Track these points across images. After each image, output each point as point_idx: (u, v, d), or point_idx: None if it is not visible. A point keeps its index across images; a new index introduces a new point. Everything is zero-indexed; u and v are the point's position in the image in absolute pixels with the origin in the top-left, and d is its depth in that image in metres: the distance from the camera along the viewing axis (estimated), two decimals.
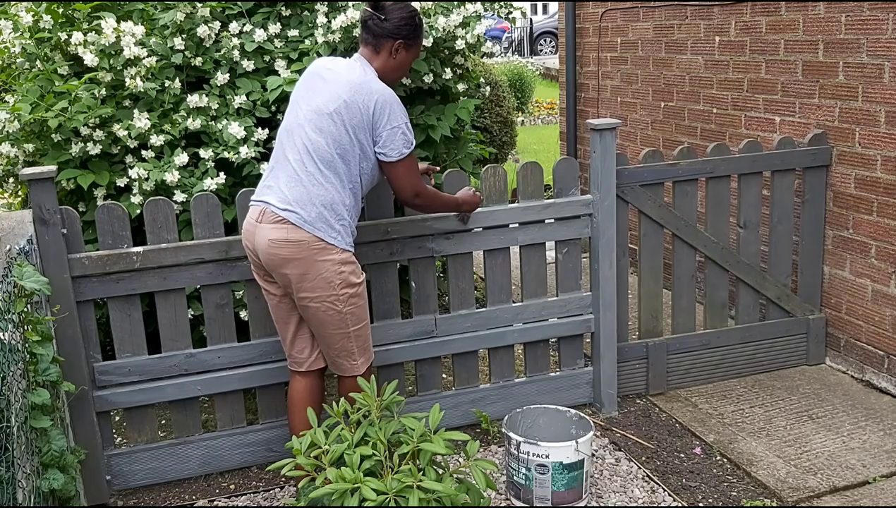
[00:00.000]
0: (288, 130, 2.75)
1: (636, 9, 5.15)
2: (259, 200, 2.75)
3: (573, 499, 2.93)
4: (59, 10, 3.56)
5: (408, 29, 2.78)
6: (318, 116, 2.68)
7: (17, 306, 2.36)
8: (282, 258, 2.66)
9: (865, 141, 3.64)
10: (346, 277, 2.70)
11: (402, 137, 2.72)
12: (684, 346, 3.77)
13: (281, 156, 2.75)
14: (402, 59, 2.82)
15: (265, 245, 2.68)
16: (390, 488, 2.11)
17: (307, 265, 2.65)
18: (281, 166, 2.73)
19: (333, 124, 2.66)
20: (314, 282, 2.67)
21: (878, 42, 3.52)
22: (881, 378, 3.70)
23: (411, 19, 2.79)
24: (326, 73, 2.77)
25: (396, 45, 2.77)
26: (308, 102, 2.73)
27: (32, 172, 2.81)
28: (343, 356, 2.81)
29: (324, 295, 2.68)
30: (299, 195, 2.66)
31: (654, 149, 3.64)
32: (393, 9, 2.76)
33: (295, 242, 2.64)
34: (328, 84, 2.73)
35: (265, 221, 2.69)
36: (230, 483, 3.20)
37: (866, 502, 2.91)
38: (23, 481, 2.16)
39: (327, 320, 2.73)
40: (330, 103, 2.68)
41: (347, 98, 2.67)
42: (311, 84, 2.78)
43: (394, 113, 2.70)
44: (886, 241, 3.59)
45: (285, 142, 2.75)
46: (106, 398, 3.05)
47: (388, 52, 2.78)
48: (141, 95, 3.43)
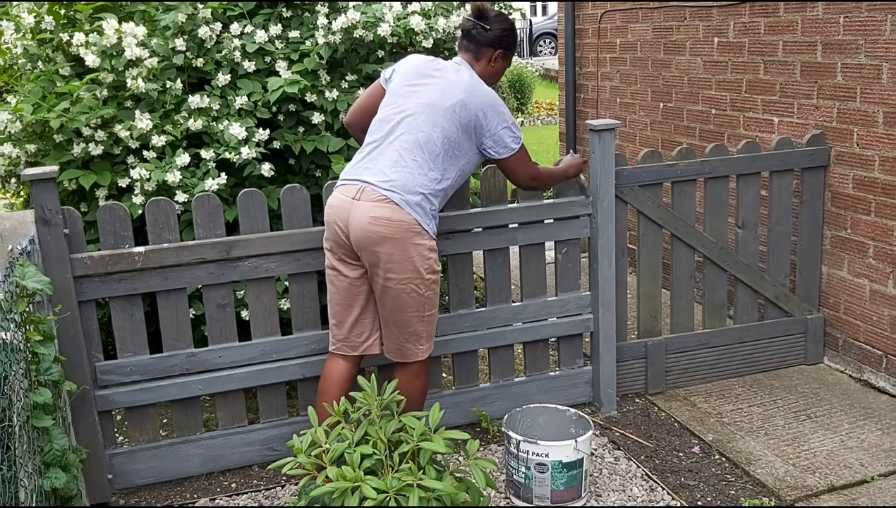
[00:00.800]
0: (389, 119, 2.83)
1: (635, 10, 5.16)
2: (355, 179, 2.79)
3: (572, 498, 2.94)
4: (61, 11, 3.58)
5: (508, 40, 2.96)
6: (433, 110, 2.79)
7: (19, 306, 2.37)
8: (380, 236, 2.70)
9: (863, 141, 3.65)
10: (432, 264, 2.79)
11: (511, 136, 2.90)
12: (683, 346, 3.78)
13: (382, 140, 2.81)
14: (499, 68, 2.99)
15: (364, 221, 2.71)
16: (390, 486, 2.12)
17: (403, 246, 2.71)
18: (383, 150, 2.80)
19: (447, 121, 2.79)
20: (405, 264, 2.73)
21: (876, 43, 3.53)
22: (879, 377, 3.71)
23: (512, 31, 2.98)
24: (435, 72, 2.89)
25: (496, 54, 2.95)
26: (419, 96, 2.83)
27: (34, 173, 2.82)
28: (412, 340, 2.87)
29: (412, 276, 2.75)
30: (404, 179, 2.73)
31: (652, 150, 3.65)
32: (496, 20, 2.93)
33: (397, 221, 2.70)
34: (441, 81, 2.85)
35: (365, 198, 2.73)
36: (231, 482, 3.21)
37: (864, 501, 2.92)
38: (25, 480, 2.17)
39: (408, 302, 2.79)
40: (446, 100, 2.80)
41: (464, 98, 2.81)
42: (416, 80, 2.88)
43: (501, 114, 2.87)
44: (884, 241, 3.61)
45: (390, 128, 2.81)
46: (107, 397, 3.06)
47: (488, 60, 2.95)
48: (142, 96, 3.44)
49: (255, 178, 3.47)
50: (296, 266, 3.14)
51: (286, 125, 3.62)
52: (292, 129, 3.64)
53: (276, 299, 3.21)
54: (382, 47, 3.59)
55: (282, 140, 3.58)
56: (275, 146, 3.57)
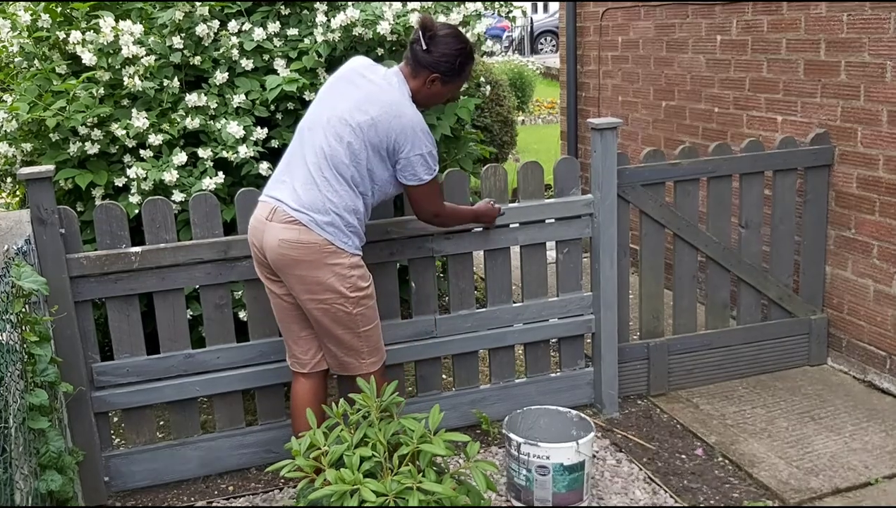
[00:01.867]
0: (310, 127, 2.72)
1: (637, 8, 5.13)
2: (271, 196, 2.71)
3: (574, 501, 2.92)
4: (58, 9, 3.55)
5: (447, 66, 2.72)
6: (341, 124, 2.65)
7: (15, 306, 2.35)
8: (291, 259, 2.64)
9: (867, 140, 3.62)
10: (355, 282, 2.69)
11: (424, 165, 2.70)
12: (686, 347, 3.75)
13: (299, 153, 2.71)
14: (435, 91, 2.78)
15: (275, 244, 2.65)
16: (390, 489, 2.10)
17: (317, 268, 2.64)
18: (297, 165, 2.70)
19: (354, 136, 2.64)
20: (322, 285, 2.65)
21: (880, 41, 3.51)
22: (883, 378, 3.68)
23: (454, 58, 2.72)
24: (360, 80, 2.73)
25: (432, 77, 2.73)
26: (334, 106, 2.69)
27: (30, 172, 2.80)
28: (351, 355, 2.80)
29: (333, 297, 2.67)
30: (313, 199, 2.64)
31: (655, 149, 3.63)
32: (440, 41, 2.70)
33: (306, 244, 2.62)
34: (360, 91, 2.69)
35: (276, 220, 2.66)
36: (229, 485, 3.19)
37: (868, 503, 2.90)
38: (20, 482, 2.15)
39: (336, 321, 2.71)
40: (356, 114, 2.64)
41: (375, 115, 2.64)
42: (342, 86, 2.74)
43: (418, 140, 2.67)
44: (889, 241, 3.58)
45: (306, 138, 2.71)
46: (104, 399, 3.04)
47: (423, 81, 2.74)
48: (139, 94, 3.42)
49: (252, 177, 3.44)
50: None
51: (284, 124, 3.59)
52: (290, 128, 3.60)
53: None
54: (381, 45, 3.57)
55: (280, 139, 3.55)
56: (273, 145, 3.55)
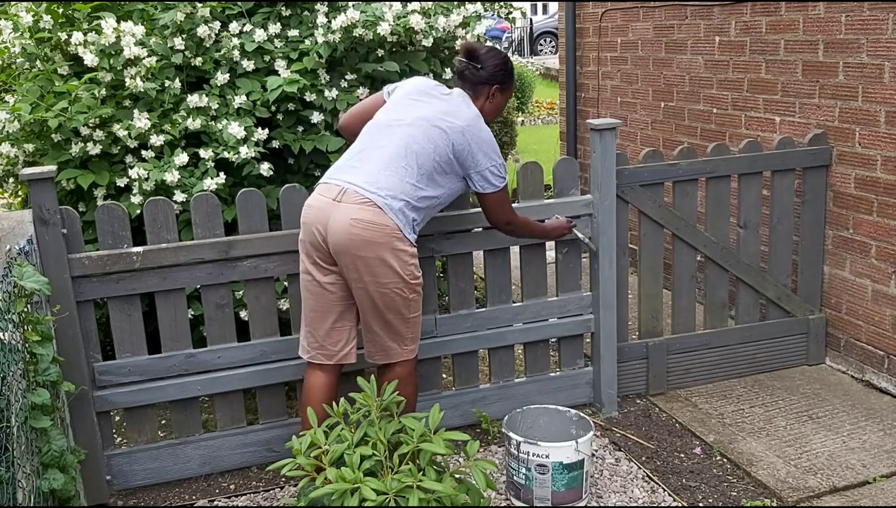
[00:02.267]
0: (389, 124, 2.83)
1: (636, 9, 5.15)
2: (338, 179, 2.75)
3: (573, 499, 2.93)
4: (59, 10, 3.56)
5: (502, 74, 2.96)
6: (431, 127, 2.79)
7: (18, 306, 2.36)
8: (362, 239, 2.66)
9: (865, 141, 3.63)
10: (413, 270, 2.76)
11: (496, 176, 2.89)
12: (684, 346, 3.77)
13: (374, 144, 2.80)
14: (498, 102, 3.00)
15: (345, 224, 2.66)
16: (390, 488, 2.11)
17: (383, 251, 2.68)
18: (374, 153, 2.78)
19: (443, 141, 2.79)
20: (385, 269, 2.69)
21: (878, 42, 3.52)
22: (881, 378, 3.70)
23: (504, 65, 2.98)
24: (438, 94, 2.92)
25: (493, 90, 2.96)
26: (418, 110, 2.84)
27: (32, 172, 2.81)
28: (396, 340, 2.84)
29: (395, 280, 2.72)
30: (392, 184, 2.71)
31: (654, 149, 3.64)
32: (487, 57, 2.94)
33: (379, 225, 2.67)
34: (443, 103, 2.88)
35: (347, 201, 2.69)
36: (230, 484, 3.20)
37: (866, 502, 2.91)
38: (23, 481, 2.16)
39: (391, 305, 2.76)
40: (445, 121, 2.81)
41: (463, 125, 2.81)
42: (421, 96, 2.90)
43: (494, 153, 2.88)
44: (886, 241, 3.59)
45: (383, 133, 2.82)
46: (106, 398, 3.05)
47: (486, 97, 2.96)
48: (141, 95, 3.43)
49: (253, 178, 3.46)
50: (295, 266, 3.11)
51: (285, 124, 3.61)
52: (291, 129, 3.62)
53: (276, 299, 3.20)
54: (382, 46, 3.58)
55: (281, 139, 3.57)
56: (274, 145, 3.56)
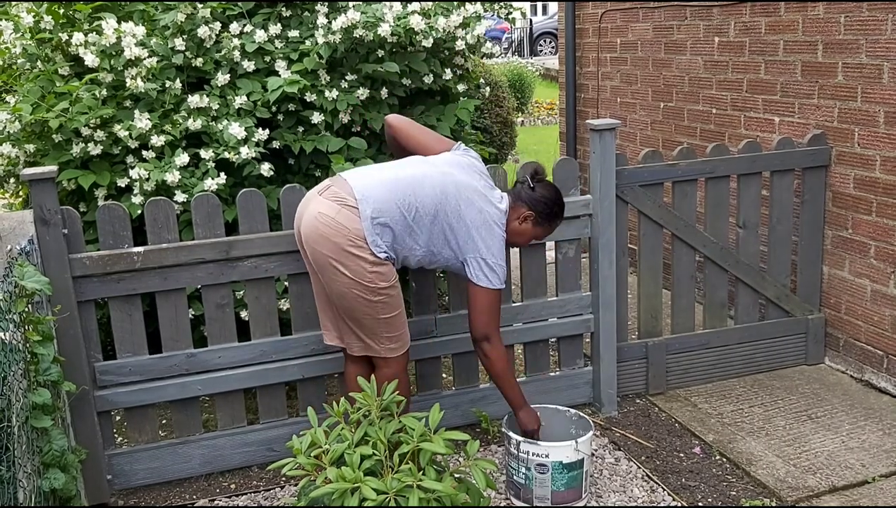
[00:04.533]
0: (423, 160, 2.86)
1: (636, 9, 5.15)
2: (341, 176, 2.77)
3: (573, 499, 2.94)
4: (60, 10, 3.57)
5: (543, 208, 2.93)
6: (455, 188, 2.77)
7: (18, 306, 2.36)
8: (319, 234, 2.66)
9: (864, 141, 3.64)
10: (375, 279, 2.70)
11: (494, 274, 2.81)
12: (684, 346, 3.77)
13: (395, 165, 2.84)
14: (526, 229, 2.95)
15: (313, 216, 2.68)
16: (390, 487, 2.11)
17: (337, 251, 2.65)
18: (389, 170, 2.79)
19: (452, 207, 2.76)
20: (336, 270, 2.67)
21: (877, 42, 3.53)
22: (880, 377, 3.70)
23: (552, 203, 2.94)
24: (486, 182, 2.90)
25: (527, 213, 2.92)
26: (458, 175, 2.82)
27: (33, 172, 2.82)
28: (371, 338, 2.81)
29: (352, 282, 2.68)
30: (380, 198, 2.68)
31: (653, 150, 3.65)
32: (545, 186, 2.94)
33: (341, 226, 2.64)
34: (479, 181, 2.86)
35: (326, 195, 2.71)
36: (231, 483, 3.20)
37: (865, 501, 2.91)
38: (24, 480, 2.16)
39: (356, 306, 2.74)
40: (471, 194, 2.80)
41: (477, 202, 2.80)
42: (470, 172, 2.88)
43: (496, 247, 2.82)
44: (885, 241, 3.60)
45: (410, 162, 2.86)
46: (107, 398, 3.06)
47: (517, 216, 2.92)
48: (142, 96, 3.44)
49: (254, 178, 3.46)
50: (295, 266, 3.12)
51: (286, 125, 3.61)
52: (292, 129, 3.63)
53: (276, 299, 3.20)
54: (382, 47, 3.58)
55: (281, 140, 3.57)
56: (274, 146, 3.57)
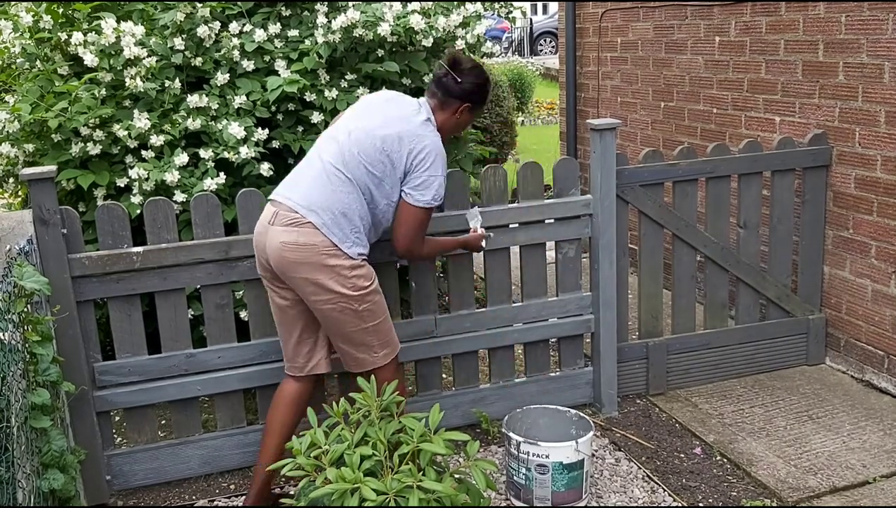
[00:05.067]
0: (332, 137, 2.80)
1: (636, 9, 5.15)
2: (277, 198, 2.74)
3: (573, 499, 2.93)
4: (59, 10, 3.56)
5: (478, 95, 2.87)
6: (367, 136, 2.73)
7: (18, 306, 2.35)
8: (291, 262, 2.66)
9: (865, 141, 3.63)
10: (356, 282, 2.70)
11: (433, 190, 2.76)
12: (684, 346, 3.77)
13: (315, 157, 2.78)
14: (464, 120, 2.91)
15: (276, 247, 2.67)
16: (390, 488, 2.11)
17: (316, 270, 2.65)
18: (311, 167, 2.76)
19: (377, 149, 2.72)
20: (324, 287, 2.66)
21: (878, 42, 3.52)
22: (881, 378, 3.70)
23: (484, 85, 2.88)
24: (388, 104, 2.85)
25: (463, 107, 2.86)
26: (361, 120, 2.79)
27: (32, 172, 2.81)
28: (364, 350, 2.81)
29: (335, 297, 2.68)
30: (322, 198, 2.68)
31: (654, 150, 3.64)
32: (470, 72, 2.84)
33: (304, 246, 2.64)
34: (386, 112, 2.80)
35: (277, 223, 2.69)
36: (230, 483, 3.20)
37: (866, 502, 2.91)
38: (23, 481, 2.16)
39: (344, 320, 2.73)
40: (382, 128, 2.74)
41: (401, 132, 2.73)
42: (370, 108, 2.85)
43: (436, 163, 2.76)
44: (886, 241, 3.59)
45: (323, 147, 2.79)
46: (106, 398, 3.05)
47: (453, 112, 2.86)
48: (141, 95, 3.43)
49: (253, 178, 3.46)
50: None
51: (285, 124, 3.61)
52: (291, 129, 3.62)
53: None
54: (382, 46, 3.58)
55: (281, 139, 3.57)
56: (274, 145, 3.56)
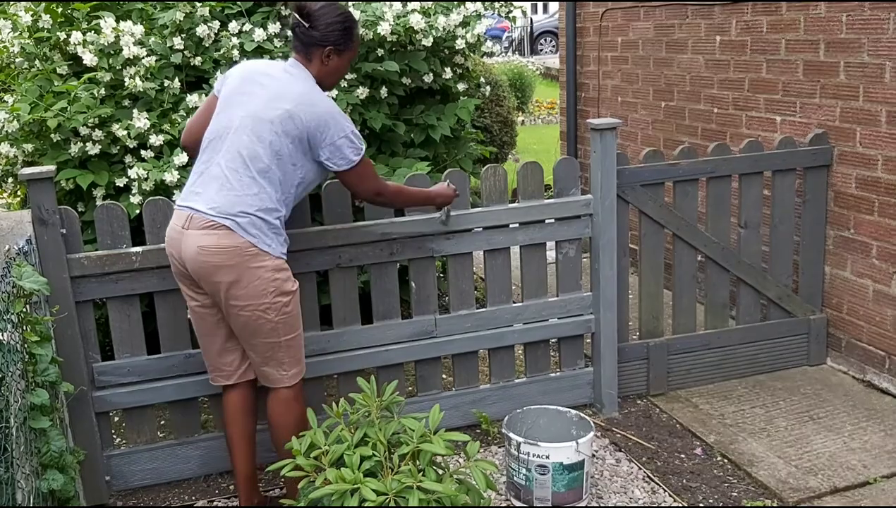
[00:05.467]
0: (219, 135, 2.62)
1: (637, 8, 5.14)
2: (185, 205, 2.61)
3: (573, 500, 2.92)
4: (58, 9, 3.56)
5: (336, 35, 2.65)
6: (257, 123, 2.57)
7: (16, 306, 2.35)
8: (212, 265, 2.54)
9: (866, 141, 3.63)
10: (280, 285, 2.61)
11: (350, 146, 2.64)
12: (685, 347, 3.76)
13: (213, 161, 2.61)
14: (335, 65, 2.71)
15: (194, 252, 2.56)
16: (390, 488, 2.10)
17: (239, 272, 2.55)
18: (211, 172, 2.60)
19: (273, 133, 2.56)
20: (246, 290, 2.56)
21: (879, 42, 3.51)
22: (882, 378, 3.69)
23: (339, 24, 2.66)
24: (264, 79, 2.65)
25: (326, 51, 2.66)
26: (244, 107, 2.61)
27: (31, 172, 2.81)
28: (272, 365, 2.70)
29: (255, 303, 2.58)
30: (232, 201, 2.54)
31: (654, 149, 3.64)
32: (320, 14, 2.63)
33: (226, 248, 2.53)
34: (267, 90, 2.62)
35: (193, 227, 2.56)
36: (230, 484, 3.19)
37: (867, 502, 2.90)
38: (22, 481, 2.15)
39: (257, 328, 2.62)
40: (270, 110, 2.57)
41: (290, 108, 2.57)
42: (245, 88, 2.65)
43: (337, 124, 2.62)
44: (887, 241, 3.59)
45: (216, 146, 2.62)
46: (105, 398, 3.05)
47: (320, 60, 2.68)
48: (140, 95, 3.43)
49: None
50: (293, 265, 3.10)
51: None
52: None
53: None
54: (382, 46, 3.58)
55: None
56: None
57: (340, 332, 3.26)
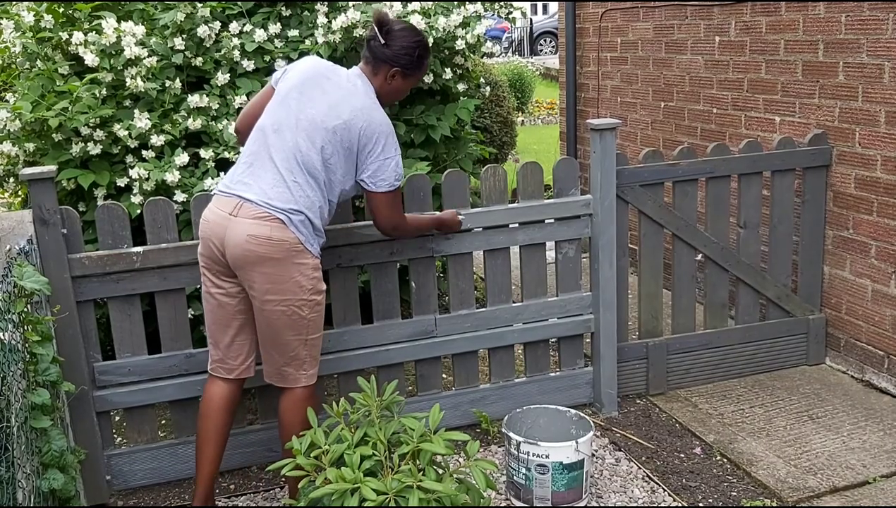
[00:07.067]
0: (276, 130, 2.65)
1: (636, 9, 5.15)
2: (233, 193, 2.63)
3: (573, 499, 2.93)
4: (60, 9, 3.57)
5: (407, 59, 2.74)
6: (314, 128, 2.62)
7: (18, 306, 2.35)
8: (258, 255, 2.57)
9: (865, 141, 3.64)
10: (316, 283, 2.66)
11: (395, 171, 2.72)
12: (684, 346, 3.77)
13: (265, 155, 2.64)
14: (397, 86, 2.79)
15: (242, 239, 2.57)
16: (390, 488, 2.11)
17: (284, 266, 2.59)
18: (264, 166, 2.63)
19: (328, 141, 2.62)
20: (286, 285, 2.60)
21: (878, 42, 3.52)
22: (881, 378, 3.70)
23: (413, 50, 2.74)
24: (327, 84, 2.70)
25: (393, 71, 2.74)
26: (304, 110, 2.65)
27: (33, 172, 2.81)
28: (294, 364, 2.72)
29: (293, 298, 2.61)
30: (286, 198, 2.59)
31: (654, 149, 3.64)
32: (398, 35, 2.72)
33: (277, 241, 2.57)
34: (328, 97, 2.67)
35: (244, 215, 2.58)
36: (230, 484, 3.20)
37: (866, 502, 2.91)
38: (23, 481, 2.16)
39: (289, 324, 2.65)
40: (329, 119, 2.63)
41: (348, 119, 2.63)
42: (306, 90, 2.69)
43: (389, 146, 2.69)
44: (886, 241, 3.59)
45: (271, 141, 2.64)
46: (106, 398, 3.05)
47: (384, 77, 2.75)
48: (141, 95, 3.44)
49: None
50: None
51: None
52: None
53: None
54: None
55: None
56: None
57: (341, 332, 3.26)
